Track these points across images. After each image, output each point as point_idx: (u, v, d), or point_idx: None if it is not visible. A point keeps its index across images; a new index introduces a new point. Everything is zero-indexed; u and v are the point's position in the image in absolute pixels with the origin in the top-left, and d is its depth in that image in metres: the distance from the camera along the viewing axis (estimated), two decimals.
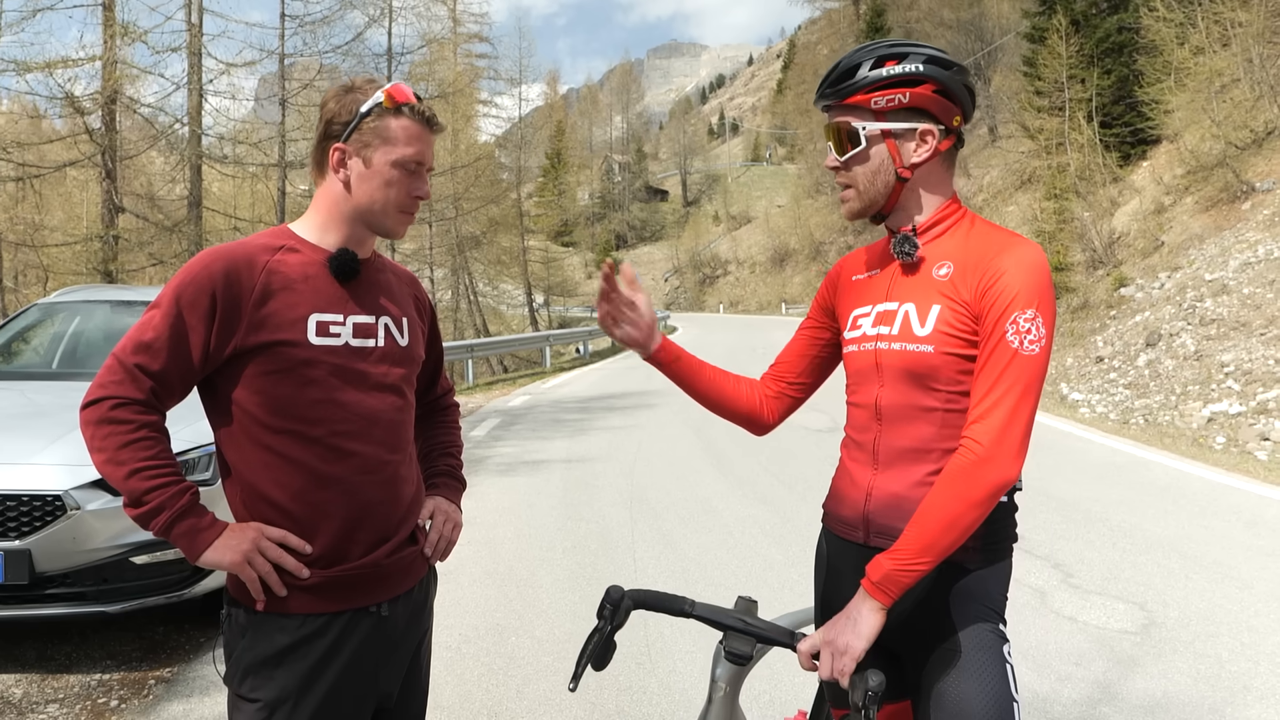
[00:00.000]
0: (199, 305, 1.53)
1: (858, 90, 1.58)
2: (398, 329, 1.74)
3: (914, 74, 1.55)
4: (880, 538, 1.60)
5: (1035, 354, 1.46)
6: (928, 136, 1.58)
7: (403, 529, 1.70)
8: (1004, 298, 1.48)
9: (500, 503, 6.72)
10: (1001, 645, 1.55)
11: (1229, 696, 3.46)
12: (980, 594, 1.58)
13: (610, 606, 1.56)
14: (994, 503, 1.44)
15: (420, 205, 1.73)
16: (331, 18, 19.44)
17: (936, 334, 1.54)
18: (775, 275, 63.58)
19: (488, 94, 43.29)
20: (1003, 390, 1.45)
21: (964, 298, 1.53)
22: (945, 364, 1.54)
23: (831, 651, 1.46)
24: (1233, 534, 5.67)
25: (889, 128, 1.58)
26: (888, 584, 1.45)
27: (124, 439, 1.50)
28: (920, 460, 1.58)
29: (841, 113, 1.62)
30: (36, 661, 3.86)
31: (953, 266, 1.57)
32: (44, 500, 3.57)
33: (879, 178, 1.61)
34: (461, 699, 3.48)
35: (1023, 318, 1.46)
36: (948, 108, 1.58)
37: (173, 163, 17.93)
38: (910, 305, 1.59)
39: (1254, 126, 18.84)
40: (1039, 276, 1.49)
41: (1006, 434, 1.43)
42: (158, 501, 1.50)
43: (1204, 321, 12.29)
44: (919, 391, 1.58)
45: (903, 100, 1.56)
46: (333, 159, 1.65)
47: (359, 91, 1.64)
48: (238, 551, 1.53)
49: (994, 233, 1.59)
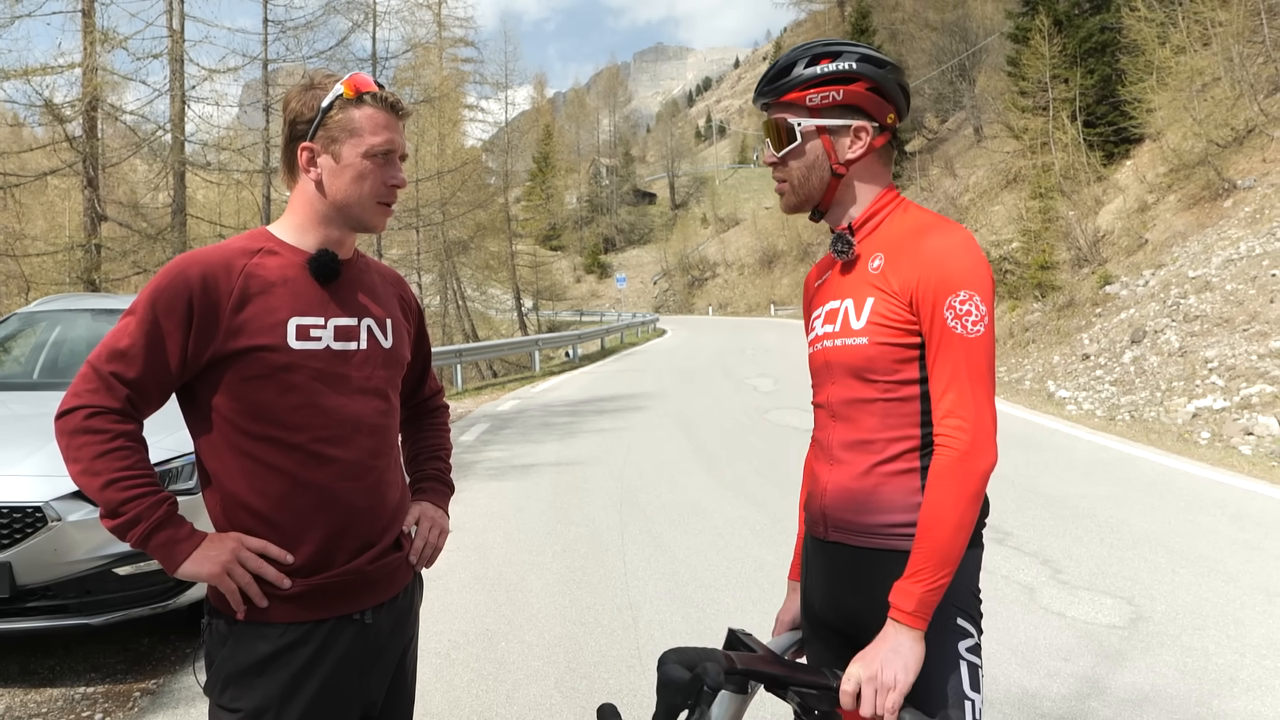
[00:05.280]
0: (175, 311, 1.50)
1: (793, 88, 1.61)
2: (381, 330, 1.70)
3: (847, 72, 1.58)
4: (837, 531, 1.62)
5: (981, 334, 1.47)
6: (861, 133, 1.61)
7: (387, 535, 1.67)
8: (933, 283, 1.49)
9: (489, 507, 6.69)
10: (958, 641, 1.51)
11: (1215, 689, 3.48)
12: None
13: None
14: (984, 491, 1.45)
15: (399, 196, 1.69)
16: (315, 23, 19.37)
17: (870, 326, 1.56)
18: (764, 277, 63.73)
19: (474, 98, 43.28)
20: (963, 380, 1.46)
21: (893, 287, 1.54)
22: (880, 354, 1.55)
23: (875, 688, 1.39)
24: (1218, 528, 5.70)
25: (823, 124, 1.61)
26: (924, 609, 1.43)
27: (100, 449, 1.47)
28: (865, 451, 1.59)
29: (779, 110, 1.65)
30: (19, 675, 3.82)
31: (884, 258, 1.58)
32: (24, 512, 3.52)
33: (814, 173, 1.64)
34: (451, 705, 3.46)
35: (957, 300, 1.47)
36: (881, 105, 1.61)
37: (156, 170, 17.77)
38: (850, 301, 1.62)
39: (1235, 124, 18.99)
40: (966, 255, 1.50)
41: (980, 422, 1.45)
42: (134, 512, 1.46)
43: (1188, 318, 12.37)
44: (860, 384, 1.59)
45: (836, 97, 1.59)
46: (302, 159, 1.62)
47: (319, 88, 1.61)
48: (216, 563, 1.50)
49: (920, 219, 1.61)
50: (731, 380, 15.93)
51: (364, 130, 1.59)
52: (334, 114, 1.59)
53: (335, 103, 1.59)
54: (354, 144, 1.59)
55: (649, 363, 21.33)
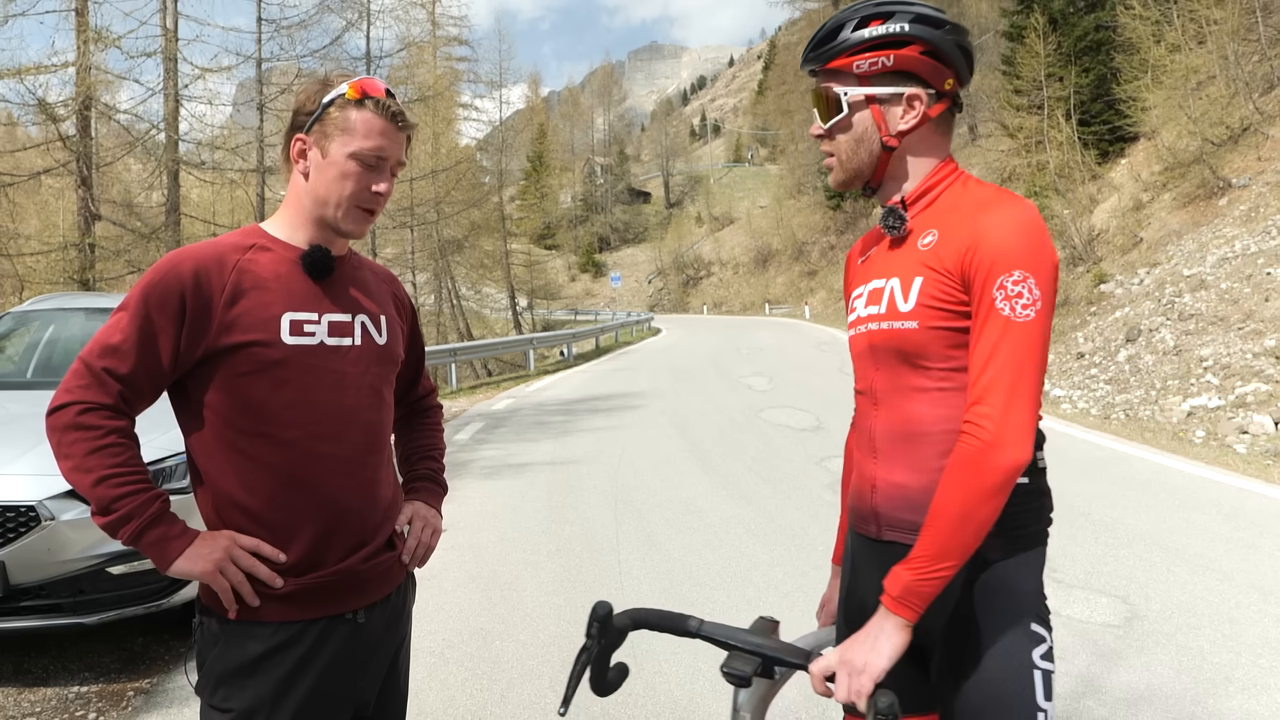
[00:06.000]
0: (168, 306, 1.49)
1: (840, 53, 1.49)
2: (375, 327, 1.69)
3: (899, 34, 1.45)
4: (892, 531, 1.52)
5: (1030, 319, 1.33)
6: (915, 101, 1.48)
7: (380, 534, 1.66)
8: (986, 261, 1.36)
9: (484, 506, 6.68)
10: (1031, 649, 1.41)
11: (1211, 688, 3.48)
12: (1005, 588, 1.44)
13: (597, 624, 1.42)
14: (1008, 490, 1.32)
15: (382, 204, 1.66)
16: (309, 21, 19.31)
17: (919, 308, 1.44)
18: (758, 276, 63.76)
19: (468, 97, 43.29)
20: (1000, 365, 1.33)
21: (946, 266, 1.41)
22: (932, 340, 1.43)
23: (848, 671, 1.32)
24: (1213, 527, 5.71)
25: (872, 93, 1.49)
26: (909, 597, 1.33)
27: (91, 445, 1.45)
28: (916, 444, 1.48)
29: (825, 78, 1.53)
30: (13, 675, 3.80)
31: (937, 234, 1.46)
32: (17, 511, 3.51)
33: (863, 146, 1.52)
34: (445, 704, 3.45)
35: (1009, 280, 1.34)
36: (938, 70, 1.47)
37: (150, 169, 17.72)
38: (896, 280, 1.49)
39: (1230, 123, 19.04)
40: (1027, 233, 1.37)
41: (1010, 413, 1.31)
42: (126, 509, 1.45)
43: (1183, 317, 12.39)
44: (910, 371, 1.48)
45: (887, 63, 1.46)
46: (294, 149, 1.61)
47: (329, 84, 1.60)
48: (209, 560, 1.48)
49: (981, 192, 1.47)
50: (726, 379, 15.93)
51: (357, 132, 1.58)
52: (333, 111, 1.58)
53: (337, 100, 1.58)
54: (343, 142, 1.58)
55: (643, 362, 21.33)
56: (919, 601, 1.33)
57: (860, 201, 46.76)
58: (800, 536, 5.67)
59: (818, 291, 49.28)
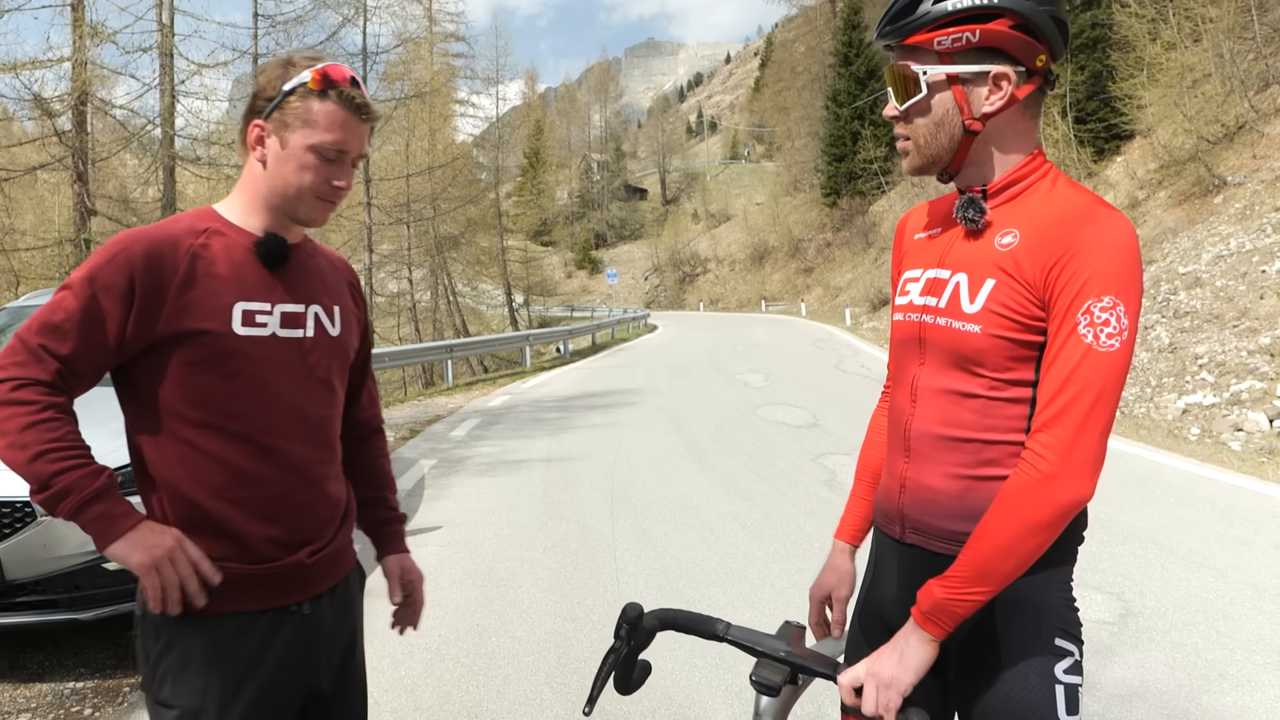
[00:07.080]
0: (115, 289, 1.42)
1: (919, 28, 1.34)
2: (329, 318, 1.65)
3: (986, 6, 1.30)
4: (916, 534, 1.47)
5: (1114, 350, 1.24)
6: (1002, 81, 1.33)
7: (328, 528, 1.63)
8: (1076, 281, 1.26)
9: (480, 503, 6.68)
10: (1054, 664, 1.36)
11: (1205, 684, 3.49)
12: (1034, 603, 1.38)
13: (626, 625, 1.39)
14: (1061, 526, 1.25)
15: (342, 197, 1.61)
16: (305, 17, 19.37)
17: (986, 313, 1.34)
18: (755, 272, 63.73)
19: (465, 93, 43.21)
20: (1074, 394, 1.24)
21: (1026, 275, 1.31)
22: (993, 347, 1.34)
23: (876, 684, 1.28)
24: (1208, 524, 5.72)
25: (955, 71, 1.34)
26: (939, 614, 1.28)
27: (27, 420, 1.36)
28: (955, 450, 1.40)
29: (902, 54, 1.38)
30: (8, 670, 3.80)
31: (1018, 236, 1.34)
32: (12, 507, 3.51)
33: (942, 130, 1.38)
34: (441, 700, 3.45)
35: (1098, 306, 1.24)
36: (1029, 46, 1.32)
37: (145, 165, 17.70)
38: (963, 276, 1.38)
39: (1225, 121, 19.07)
40: (1125, 256, 1.26)
41: (1077, 446, 1.23)
42: (65, 483, 1.36)
43: (1178, 314, 12.42)
44: (961, 375, 1.39)
45: (972, 39, 1.32)
46: (250, 135, 1.55)
47: (295, 67, 1.53)
48: (149, 552, 1.39)
49: (1075, 198, 1.34)
50: (723, 376, 15.93)
51: (319, 124, 1.52)
52: (293, 100, 1.51)
53: (298, 89, 1.51)
54: (304, 134, 1.52)
55: (640, 358, 21.32)
56: (949, 620, 1.29)
57: (856, 199, 46.73)
58: (796, 533, 5.67)
59: (814, 288, 49.26)
